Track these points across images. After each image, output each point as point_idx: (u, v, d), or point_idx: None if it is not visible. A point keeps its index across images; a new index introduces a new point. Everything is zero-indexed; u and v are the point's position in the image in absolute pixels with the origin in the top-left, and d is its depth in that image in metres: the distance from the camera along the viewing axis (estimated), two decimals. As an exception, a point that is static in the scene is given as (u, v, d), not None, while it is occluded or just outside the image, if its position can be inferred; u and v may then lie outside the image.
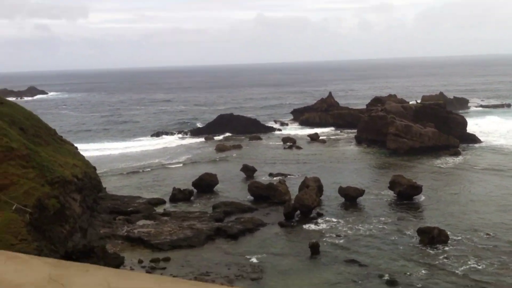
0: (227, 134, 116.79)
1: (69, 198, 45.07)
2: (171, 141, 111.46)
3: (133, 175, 76.64)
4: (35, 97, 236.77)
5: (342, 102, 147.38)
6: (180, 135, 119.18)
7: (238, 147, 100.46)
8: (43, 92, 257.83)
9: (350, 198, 60.87)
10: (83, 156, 57.89)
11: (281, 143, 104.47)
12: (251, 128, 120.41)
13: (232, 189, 67.57)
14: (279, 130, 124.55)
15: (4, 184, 40.46)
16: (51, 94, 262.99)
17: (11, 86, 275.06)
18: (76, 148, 59.89)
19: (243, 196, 63.02)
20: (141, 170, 79.44)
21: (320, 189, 61.01)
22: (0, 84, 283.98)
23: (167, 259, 41.83)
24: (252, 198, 62.08)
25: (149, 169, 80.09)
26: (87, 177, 52.30)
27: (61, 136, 60.38)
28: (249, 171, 75.12)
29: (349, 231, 50.28)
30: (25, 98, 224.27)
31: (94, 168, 57.72)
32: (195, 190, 64.91)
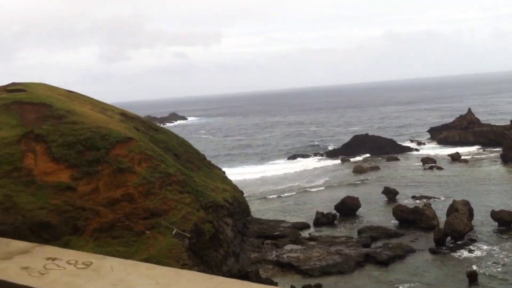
0: (364, 155, 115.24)
1: (222, 223, 46.90)
2: (308, 163, 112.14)
3: (274, 198, 78.08)
4: (176, 123, 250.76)
5: (483, 118, 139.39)
6: (316, 157, 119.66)
7: (376, 168, 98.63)
8: (183, 118, 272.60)
9: (504, 222, 57.15)
10: (230, 181, 60.03)
11: (421, 163, 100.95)
12: (387, 148, 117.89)
13: (375, 212, 66.33)
14: (417, 150, 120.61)
15: (164, 209, 43.08)
16: (190, 119, 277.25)
17: (154, 112, 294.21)
18: (224, 172, 62.30)
19: (387, 220, 61.56)
20: (281, 194, 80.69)
21: (470, 213, 58.00)
22: (144, 111, 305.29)
23: (318, 286, 41.85)
24: (397, 222, 60.44)
25: (289, 193, 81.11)
26: (237, 202, 54.11)
27: (210, 161, 63.14)
28: (390, 193, 73.34)
29: (505, 259, 47.10)
30: (167, 124, 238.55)
31: (242, 192, 59.64)
32: (338, 214, 64.59)
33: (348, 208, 65.39)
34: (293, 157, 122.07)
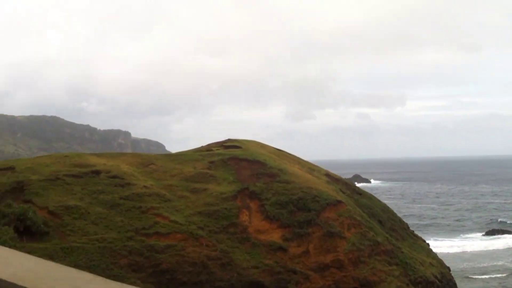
0: None
1: (434, 301, 43.12)
2: (510, 241, 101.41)
3: (478, 279, 71.11)
4: (360, 185, 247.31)
5: None
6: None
7: None
8: (367, 181, 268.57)
9: None
10: (435, 254, 55.78)
11: None
12: None
13: None
14: None
15: (374, 281, 40.85)
16: (374, 182, 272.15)
17: (338, 173, 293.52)
18: (428, 244, 58.24)
19: None
20: (485, 274, 73.26)
21: None
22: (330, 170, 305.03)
23: None
24: None
25: (495, 274, 73.35)
26: (445, 279, 49.77)
27: (413, 231, 59.64)
28: None
29: None
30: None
31: (448, 269, 54.97)
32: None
33: None
34: (491, 232, 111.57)
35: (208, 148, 54.22)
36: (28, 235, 33.88)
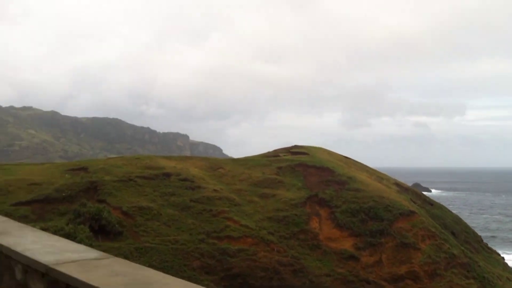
0: None
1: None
2: None
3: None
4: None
5: None
6: None
7: None
8: (427, 190, 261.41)
9: None
10: (511, 268, 53.14)
11: None
12: None
13: None
14: None
15: (451, 294, 39.14)
16: (434, 191, 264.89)
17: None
18: (503, 258, 55.62)
19: None
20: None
21: None
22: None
23: None
24: None
25: None
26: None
27: (487, 244, 57.14)
28: None
29: None
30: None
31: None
32: None
33: None
34: None
35: (275, 154, 53.66)
36: (102, 234, 34.20)
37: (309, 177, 47.61)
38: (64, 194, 39.63)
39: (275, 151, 56.65)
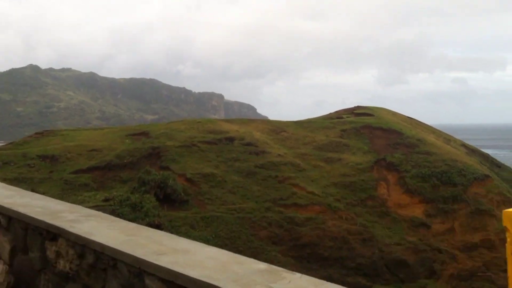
0: None
1: None
2: None
3: None
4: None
5: None
6: None
7: None
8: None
9: None
10: None
11: None
12: None
13: None
14: None
15: (528, 264, 37.11)
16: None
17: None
18: None
19: None
20: None
21: None
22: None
23: None
24: None
25: None
26: None
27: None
28: None
29: None
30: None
31: None
32: None
33: None
34: None
35: (338, 115, 51.75)
36: (167, 203, 33.64)
37: (376, 140, 45.67)
38: (125, 161, 39.25)
39: (337, 112, 54.70)
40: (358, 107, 54.18)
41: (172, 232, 30.31)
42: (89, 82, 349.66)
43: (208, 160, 39.12)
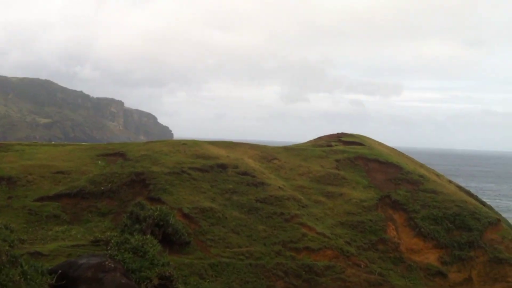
0: None
1: None
2: None
3: None
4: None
5: None
6: None
7: None
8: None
9: None
10: None
11: None
12: None
13: None
14: None
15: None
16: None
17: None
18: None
19: None
20: None
21: None
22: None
23: None
24: None
25: None
26: None
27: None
28: None
29: None
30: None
31: None
32: None
33: None
34: None
35: (327, 142, 47.46)
36: (166, 244, 27.54)
37: (373, 173, 41.69)
38: (102, 188, 32.65)
39: (320, 138, 50.49)
40: (343, 134, 50.27)
41: (180, 284, 24.36)
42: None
43: (203, 191, 33.29)
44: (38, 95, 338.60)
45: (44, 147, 40.34)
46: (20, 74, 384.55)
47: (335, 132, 51.15)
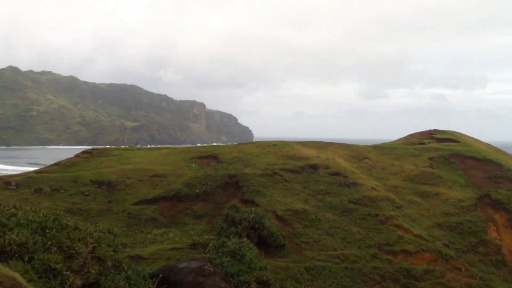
0: None
1: None
2: None
3: None
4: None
5: None
6: None
7: None
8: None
9: None
10: None
11: None
12: None
13: None
14: None
15: None
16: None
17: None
18: None
19: None
20: None
21: None
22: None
23: None
24: None
25: None
26: None
27: None
28: None
29: None
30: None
31: None
32: None
33: None
34: None
35: (419, 140, 45.95)
36: (262, 247, 27.59)
37: (471, 171, 39.91)
38: (197, 190, 33.26)
39: (411, 135, 48.97)
40: (436, 131, 48.46)
41: (277, 288, 24.37)
42: (69, 86, 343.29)
43: (295, 193, 33.16)
44: (125, 99, 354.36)
45: (140, 151, 41.74)
46: (107, 80, 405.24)
47: (416, 127, 50.15)
